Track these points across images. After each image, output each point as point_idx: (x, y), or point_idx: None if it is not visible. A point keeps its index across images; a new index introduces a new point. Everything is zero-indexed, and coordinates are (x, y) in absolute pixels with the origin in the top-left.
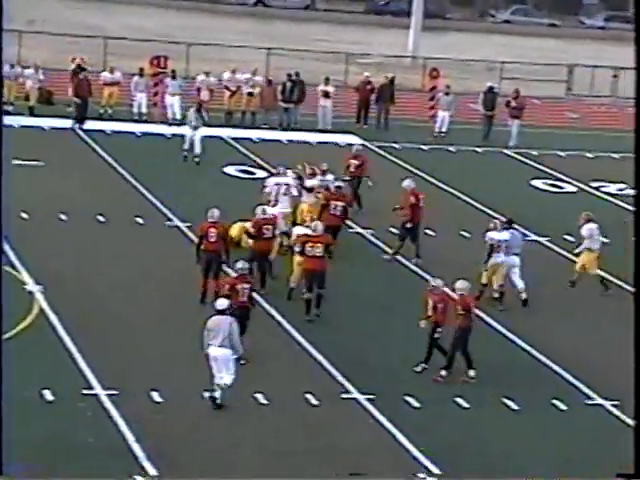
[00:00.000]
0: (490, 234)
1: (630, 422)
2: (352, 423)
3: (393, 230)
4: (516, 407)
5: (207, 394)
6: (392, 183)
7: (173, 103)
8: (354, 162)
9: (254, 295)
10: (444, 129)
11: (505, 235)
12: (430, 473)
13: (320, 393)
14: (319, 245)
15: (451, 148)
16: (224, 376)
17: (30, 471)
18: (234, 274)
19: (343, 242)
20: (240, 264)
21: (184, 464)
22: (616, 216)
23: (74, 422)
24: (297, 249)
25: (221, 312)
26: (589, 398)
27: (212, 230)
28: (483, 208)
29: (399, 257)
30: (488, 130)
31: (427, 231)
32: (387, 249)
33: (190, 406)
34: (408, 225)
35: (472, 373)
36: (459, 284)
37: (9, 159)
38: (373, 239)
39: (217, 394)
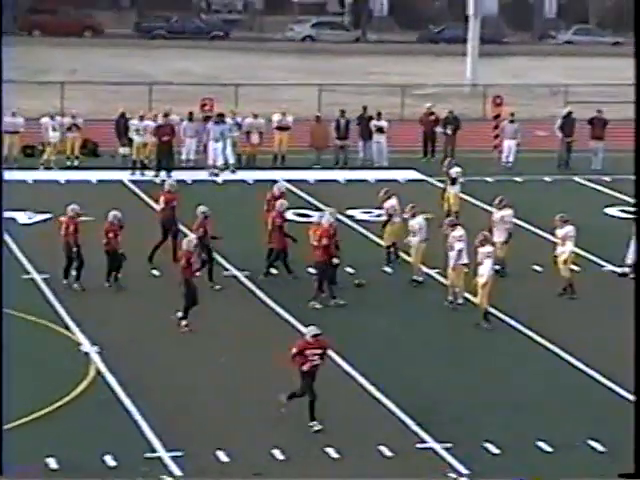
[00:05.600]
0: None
1: None
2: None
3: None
4: (602, 449)
5: None
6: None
7: (217, 148)
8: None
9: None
10: (511, 159)
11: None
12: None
13: (394, 444)
14: None
15: (518, 178)
16: None
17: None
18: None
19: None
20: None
21: None
22: None
23: None
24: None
25: None
26: None
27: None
28: (556, 240)
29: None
30: (567, 157)
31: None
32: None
33: (258, 464)
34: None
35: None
36: None
37: (57, 215)
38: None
39: None
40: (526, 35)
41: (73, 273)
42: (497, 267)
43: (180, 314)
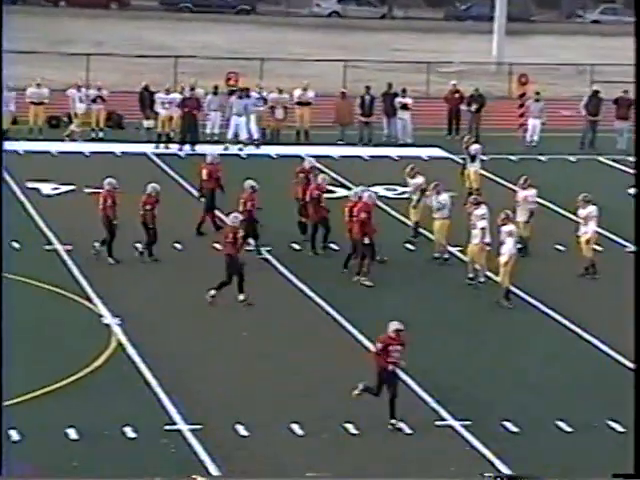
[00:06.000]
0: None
1: None
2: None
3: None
4: (622, 429)
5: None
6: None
7: (239, 123)
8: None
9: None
10: (535, 138)
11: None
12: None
13: (413, 421)
14: None
15: (542, 158)
16: None
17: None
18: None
19: (423, 262)
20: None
21: None
22: None
23: (158, 459)
24: None
25: None
26: None
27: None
28: (579, 220)
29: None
30: (592, 137)
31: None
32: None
33: (275, 438)
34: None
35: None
36: None
37: (81, 187)
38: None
39: None
40: (553, 14)
41: (96, 245)
42: (519, 246)
43: (213, 292)
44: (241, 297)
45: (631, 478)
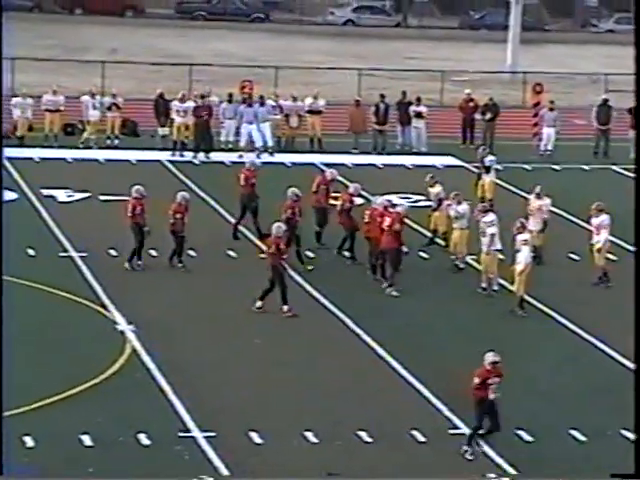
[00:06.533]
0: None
1: None
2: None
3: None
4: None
5: None
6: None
7: (250, 131)
8: None
9: None
10: (550, 147)
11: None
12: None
13: (427, 428)
14: None
15: (556, 167)
16: None
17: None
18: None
19: (438, 270)
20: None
21: None
22: None
23: (172, 466)
24: None
25: None
26: None
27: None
28: (592, 229)
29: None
30: (605, 146)
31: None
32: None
33: (289, 446)
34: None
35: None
36: None
37: (96, 194)
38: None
39: None
40: (567, 23)
41: (111, 252)
42: (532, 254)
43: (259, 303)
44: (285, 308)
45: (631, 478)
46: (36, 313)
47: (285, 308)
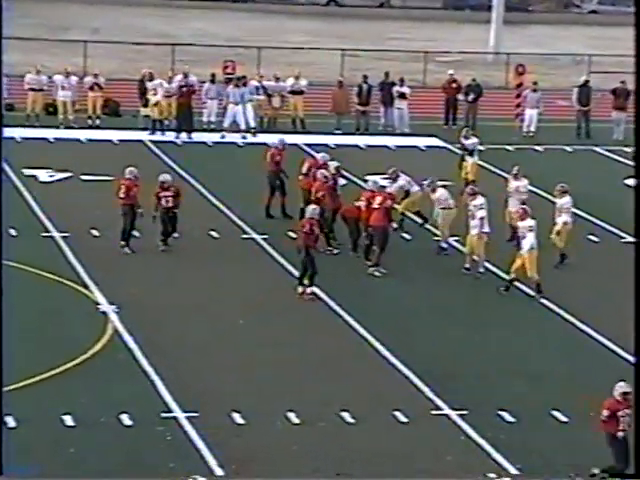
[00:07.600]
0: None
1: None
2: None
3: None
4: None
5: None
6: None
7: (236, 113)
8: None
9: None
10: (532, 128)
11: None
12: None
13: (409, 410)
14: None
15: (538, 148)
16: None
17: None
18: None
19: (421, 252)
20: None
21: None
22: None
23: (154, 446)
24: None
25: None
26: None
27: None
28: (575, 210)
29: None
30: (586, 127)
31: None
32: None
33: (272, 426)
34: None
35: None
36: None
37: (77, 174)
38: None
39: None
40: (551, 3)
41: (98, 233)
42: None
43: (300, 288)
44: (308, 290)
45: (631, 478)
46: (17, 294)
47: (308, 290)
